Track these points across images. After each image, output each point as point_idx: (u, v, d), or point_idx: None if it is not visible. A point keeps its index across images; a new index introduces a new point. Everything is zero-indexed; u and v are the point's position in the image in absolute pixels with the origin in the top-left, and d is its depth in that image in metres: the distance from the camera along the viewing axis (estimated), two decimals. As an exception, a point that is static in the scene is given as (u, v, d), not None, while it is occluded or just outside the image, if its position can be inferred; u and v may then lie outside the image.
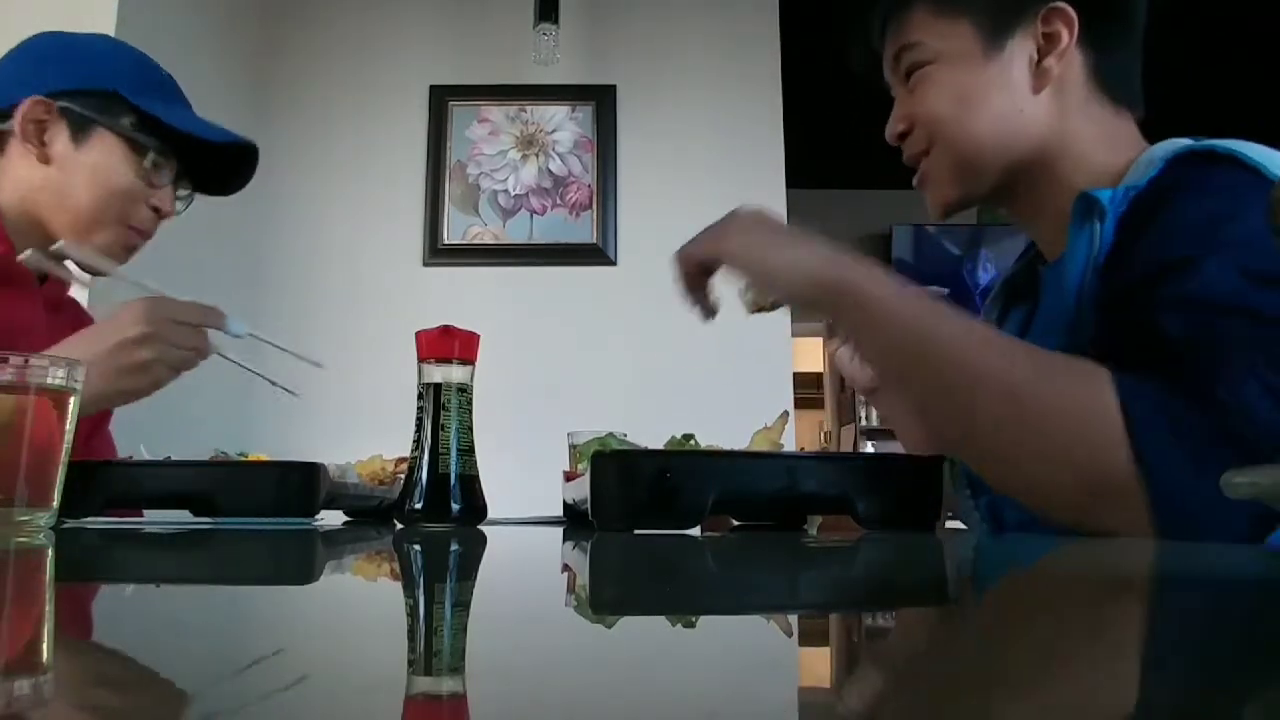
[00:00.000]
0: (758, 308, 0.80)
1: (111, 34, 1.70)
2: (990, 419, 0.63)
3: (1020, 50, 0.80)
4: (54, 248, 0.95)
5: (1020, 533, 0.78)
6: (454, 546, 0.60)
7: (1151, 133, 0.81)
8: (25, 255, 0.93)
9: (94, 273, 1.03)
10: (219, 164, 1.10)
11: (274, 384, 1.00)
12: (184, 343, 0.90)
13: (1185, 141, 0.73)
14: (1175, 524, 0.58)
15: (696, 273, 0.75)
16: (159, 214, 1.06)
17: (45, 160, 0.99)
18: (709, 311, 0.79)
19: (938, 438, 0.74)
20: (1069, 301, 0.73)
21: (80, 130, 1.00)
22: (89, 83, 1.00)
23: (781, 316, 1.13)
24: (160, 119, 1.01)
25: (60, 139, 0.99)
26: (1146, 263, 0.66)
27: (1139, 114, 0.82)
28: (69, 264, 0.98)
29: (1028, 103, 0.79)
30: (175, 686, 0.18)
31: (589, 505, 0.69)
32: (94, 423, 1.10)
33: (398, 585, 0.42)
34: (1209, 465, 0.47)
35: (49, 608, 0.29)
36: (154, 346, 0.88)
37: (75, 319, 1.11)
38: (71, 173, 1.00)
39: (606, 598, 0.37)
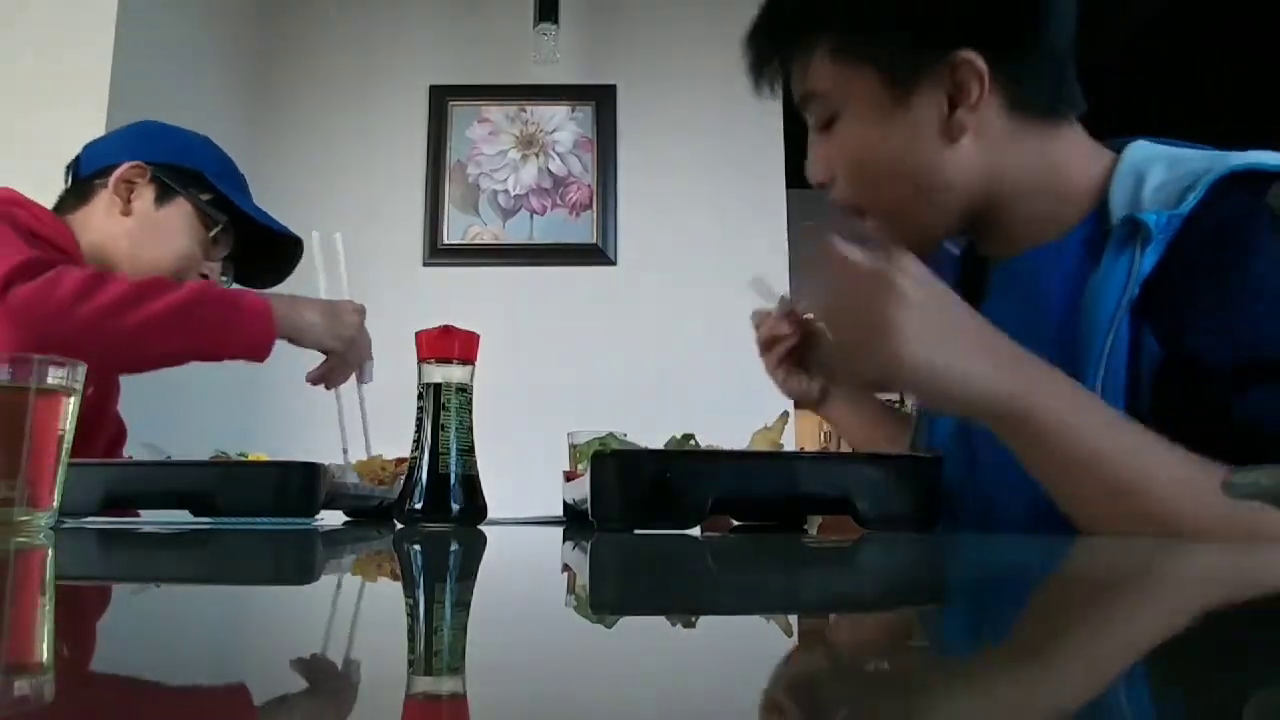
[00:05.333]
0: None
1: (111, 35, 1.73)
2: (1152, 531, 0.59)
3: (929, 102, 0.73)
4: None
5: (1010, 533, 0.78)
6: (454, 546, 0.60)
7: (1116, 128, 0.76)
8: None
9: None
10: (264, 256, 1.31)
11: (345, 450, 1.18)
12: (360, 352, 1.23)
13: (1205, 160, 0.67)
14: None
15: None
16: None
17: (126, 214, 1.17)
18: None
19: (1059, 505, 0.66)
20: (1052, 316, 0.71)
21: (163, 195, 1.19)
22: (179, 159, 1.21)
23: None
24: (232, 202, 1.21)
25: (145, 198, 1.18)
26: (1236, 347, 0.62)
27: (1079, 110, 0.76)
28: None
29: (945, 155, 0.73)
30: (175, 686, 0.18)
31: (589, 505, 0.69)
32: (100, 396, 1.18)
33: (398, 585, 0.42)
34: None
35: (48, 607, 0.29)
36: (356, 326, 1.23)
37: None
38: (147, 228, 1.17)
39: (606, 598, 0.37)
